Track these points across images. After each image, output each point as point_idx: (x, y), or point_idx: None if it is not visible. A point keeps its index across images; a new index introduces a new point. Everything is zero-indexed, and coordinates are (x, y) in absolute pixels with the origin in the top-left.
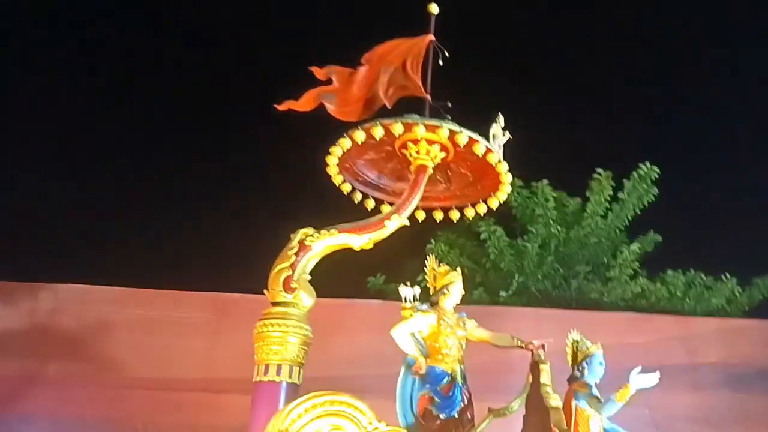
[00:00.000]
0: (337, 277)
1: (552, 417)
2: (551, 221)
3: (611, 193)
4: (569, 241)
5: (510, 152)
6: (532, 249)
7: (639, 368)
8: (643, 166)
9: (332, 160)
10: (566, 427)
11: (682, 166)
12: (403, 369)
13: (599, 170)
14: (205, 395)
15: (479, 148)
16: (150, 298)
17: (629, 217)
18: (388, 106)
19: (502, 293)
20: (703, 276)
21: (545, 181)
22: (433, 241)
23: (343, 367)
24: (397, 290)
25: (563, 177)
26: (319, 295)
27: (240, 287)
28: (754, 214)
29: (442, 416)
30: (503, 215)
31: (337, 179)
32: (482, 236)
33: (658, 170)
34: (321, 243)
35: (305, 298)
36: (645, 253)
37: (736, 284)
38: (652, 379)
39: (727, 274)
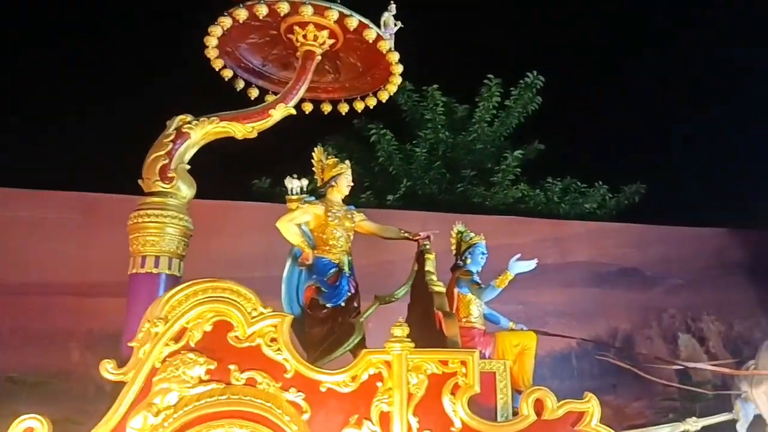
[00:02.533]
0: (222, 180)
1: (435, 301)
2: (440, 126)
3: (499, 100)
4: (456, 146)
5: (401, 56)
6: (421, 153)
7: (518, 255)
8: (529, 75)
9: (211, 42)
10: (449, 310)
11: (565, 77)
12: (289, 260)
13: (490, 76)
14: (77, 299)
15: (370, 35)
16: (8, 197)
17: (514, 125)
18: None
19: (390, 197)
20: (578, 183)
21: (435, 86)
22: (320, 144)
23: (228, 269)
24: (283, 194)
25: (453, 83)
26: (203, 197)
27: (110, 187)
28: (626, 127)
29: (328, 305)
30: (393, 119)
31: (217, 64)
32: (372, 139)
33: (543, 79)
34: (200, 130)
35: (184, 188)
36: (527, 160)
37: (607, 191)
38: (529, 264)
39: (600, 182)
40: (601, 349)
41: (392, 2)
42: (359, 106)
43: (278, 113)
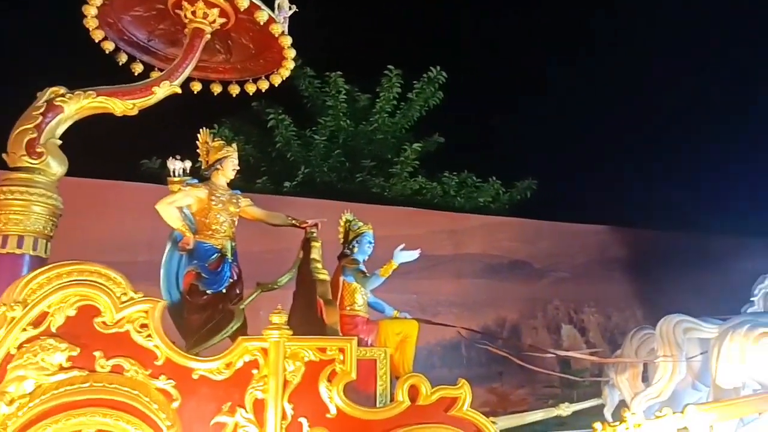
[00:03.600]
0: (111, 159)
1: (318, 288)
2: (341, 114)
3: (400, 91)
4: (357, 135)
5: (304, 41)
6: (320, 141)
7: (402, 245)
8: (433, 70)
9: (90, 11)
10: (330, 298)
11: (467, 74)
12: (169, 244)
13: (390, 67)
14: None
15: (261, 16)
16: None
17: (415, 118)
18: None
19: (287, 184)
20: (474, 177)
21: (339, 73)
22: (216, 126)
23: (110, 253)
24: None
25: (356, 71)
26: (89, 175)
27: None
28: (520, 125)
29: (208, 291)
30: (293, 105)
31: (97, 35)
32: (270, 124)
33: (445, 75)
34: (74, 105)
35: (54, 165)
36: (426, 153)
37: (501, 186)
38: (412, 255)
39: (494, 177)
40: (487, 338)
41: None
42: (251, 88)
43: (162, 91)
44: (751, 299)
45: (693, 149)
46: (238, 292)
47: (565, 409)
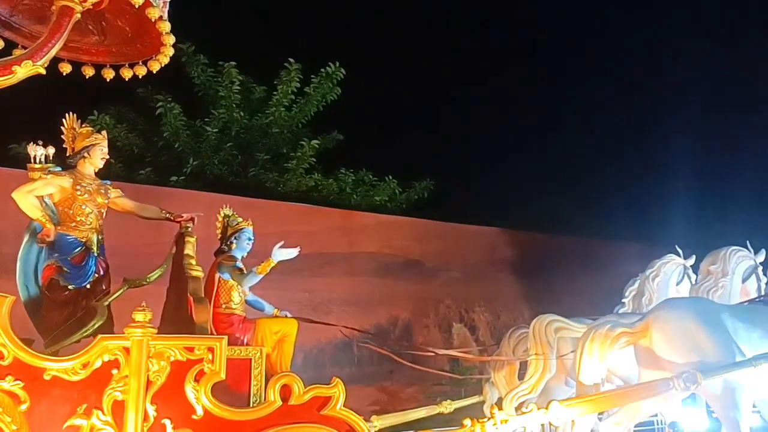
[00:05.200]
0: None
1: (189, 286)
2: (234, 105)
3: (298, 86)
4: (251, 128)
5: (199, 27)
6: (212, 132)
7: (281, 243)
8: (331, 65)
9: None
10: (202, 296)
11: (365, 71)
12: (27, 236)
13: (290, 60)
14: None
15: None
16: None
17: (312, 113)
18: None
19: (174, 178)
20: (370, 176)
21: (233, 63)
22: (96, 112)
23: None
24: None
25: (253, 63)
26: None
27: None
28: (421, 125)
29: (71, 287)
30: (184, 94)
31: None
32: (158, 111)
33: (344, 72)
34: None
35: None
36: (324, 149)
37: (397, 185)
38: (291, 252)
39: (390, 176)
40: (372, 337)
41: None
42: (127, 73)
43: (24, 71)
44: (623, 300)
45: (580, 156)
46: (104, 287)
47: (447, 407)
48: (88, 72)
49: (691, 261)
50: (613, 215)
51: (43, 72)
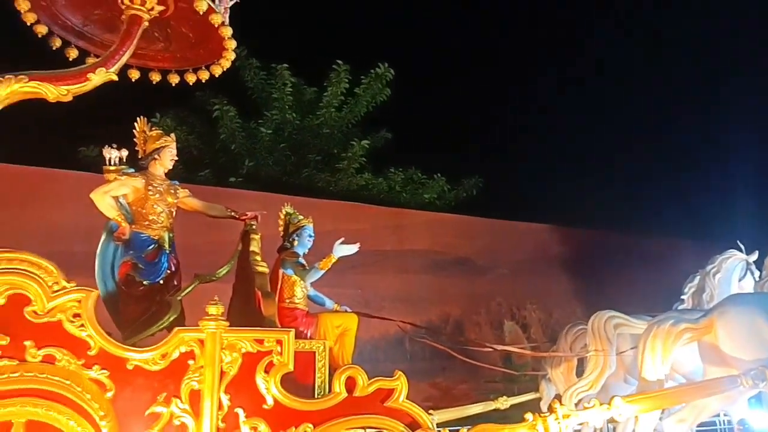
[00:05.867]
0: (45, 147)
1: (257, 281)
2: (287, 107)
3: (348, 86)
4: (303, 129)
5: (251, 31)
6: (266, 133)
7: (341, 239)
8: (380, 66)
9: None
10: (269, 290)
11: (415, 71)
12: (104, 234)
13: (339, 61)
14: None
15: (201, 6)
16: None
17: (362, 113)
18: None
19: (231, 178)
20: (419, 174)
21: (285, 65)
22: (158, 115)
23: (46, 242)
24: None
25: (304, 64)
26: (25, 162)
27: None
28: (468, 122)
29: (145, 282)
30: (238, 96)
31: (29, 17)
32: (215, 114)
33: (393, 72)
34: (3, 88)
35: None
36: (374, 148)
37: (446, 183)
38: (352, 248)
39: (439, 174)
40: (429, 333)
41: None
42: (191, 78)
43: (98, 77)
44: (682, 297)
45: (631, 154)
46: (175, 283)
47: (504, 403)
48: (155, 78)
49: (754, 257)
50: (666, 211)
51: (116, 78)
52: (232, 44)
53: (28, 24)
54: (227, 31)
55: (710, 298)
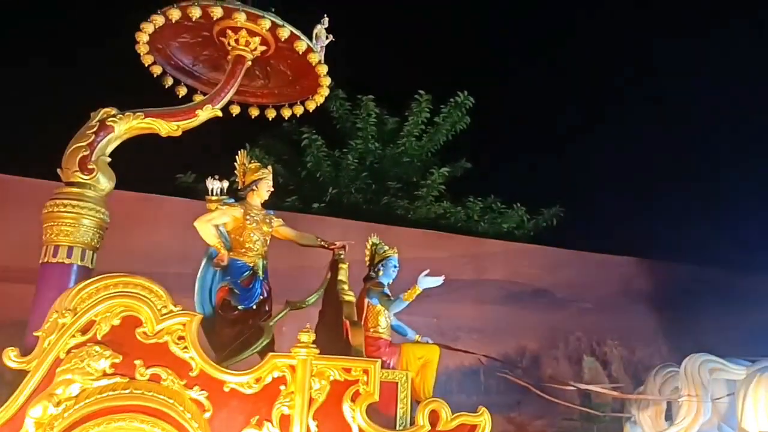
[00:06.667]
0: (147, 173)
1: (344, 310)
2: (370, 137)
3: (428, 116)
4: (384, 158)
5: (335, 63)
6: (351, 162)
7: (426, 271)
8: (460, 95)
9: (143, 38)
10: (356, 320)
11: (494, 100)
12: (204, 260)
13: (421, 92)
14: None
15: (300, 46)
16: None
17: (441, 142)
18: None
19: (315, 205)
20: (498, 203)
21: (370, 97)
22: (248, 144)
23: (143, 264)
24: (205, 191)
25: (385, 95)
26: (125, 188)
27: (17, 169)
28: (547, 151)
29: (240, 307)
30: (324, 126)
31: (147, 60)
32: (303, 143)
33: (472, 100)
34: (124, 125)
35: (103, 181)
36: (453, 177)
37: (525, 212)
38: (437, 281)
39: (519, 203)
40: (507, 367)
41: (325, 16)
42: (286, 113)
43: (205, 114)
44: None
45: (723, 184)
46: (267, 309)
47: None
48: (254, 113)
49: None
50: (758, 246)
51: (220, 114)
52: (327, 81)
53: (146, 66)
54: (323, 69)
55: None
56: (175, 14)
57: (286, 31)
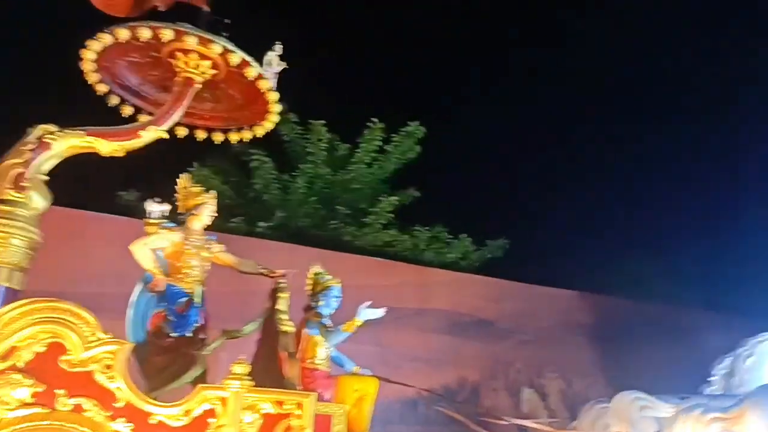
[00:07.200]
0: (88, 189)
1: (281, 341)
2: (320, 162)
3: (380, 144)
4: (334, 183)
5: (291, 88)
6: (300, 186)
7: (368, 303)
8: (411, 124)
9: (88, 55)
10: (293, 350)
11: (444, 131)
12: (140, 285)
13: (374, 119)
14: None
15: (251, 72)
16: None
17: (391, 170)
18: (162, 8)
19: (261, 224)
20: (446, 233)
21: (322, 122)
22: (196, 164)
23: (80, 284)
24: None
25: (337, 121)
26: (63, 203)
27: None
28: (495, 184)
29: (173, 335)
30: (275, 149)
31: (92, 77)
32: (252, 164)
33: (424, 129)
34: (63, 143)
35: (37, 200)
36: (402, 205)
37: (471, 243)
38: (378, 312)
39: (465, 234)
40: (445, 399)
41: (278, 43)
42: (234, 137)
43: (149, 135)
44: (710, 379)
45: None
46: (202, 337)
47: None
48: (201, 135)
49: None
50: (695, 282)
51: (166, 136)
52: (278, 108)
53: (90, 83)
54: (274, 96)
55: (740, 383)
56: (123, 34)
57: (236, 57)
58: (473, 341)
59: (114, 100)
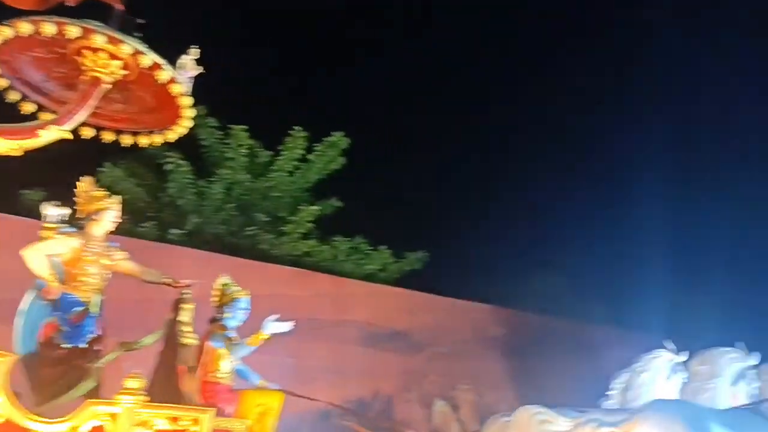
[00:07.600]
0: None
1: (180, 354)
2: (239, 168)
3: (303, 153)
4: (253, 190)
5: (212, 92)
6: (216, 192)
7: (275, 316)
8: (335, 135)
9: None
10: (192, 364)
11: (369, 142)
12: (33, 292)
13: (296, 128)
14: None
15: (163, 75)
16: None
17: (313, 180)
18: (71, 3)
19: (174, 230)
20: (366, 244)
21: (243, 127)
22: (108, 164)
23: None
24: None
25: (259, 127)
26: None
27: None
28: (417, 196)
29: (67, 345)
30: (192, 152)
31: None
32: (168, 167)
33: (348, 141)
34: None
35: None
36: (322, 215)
37: (390, 255)
38: (285, 326)
39: (385, 246)
40: (355, 413)
41: (193, 47)
42: (144, 141)
43: (50, 134)
44: (608, 393)
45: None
46: (97, 349)
47: None
48: (108, 137)
49: (684, 357)
50: (599, 298)
51: (70, 137)
52: (190, 113)
53: None
54: (186, 101)
55: (635, 397)
56: (25, 28)
57: (147, 59)
58: (389, 353)
59: (14, 96)
